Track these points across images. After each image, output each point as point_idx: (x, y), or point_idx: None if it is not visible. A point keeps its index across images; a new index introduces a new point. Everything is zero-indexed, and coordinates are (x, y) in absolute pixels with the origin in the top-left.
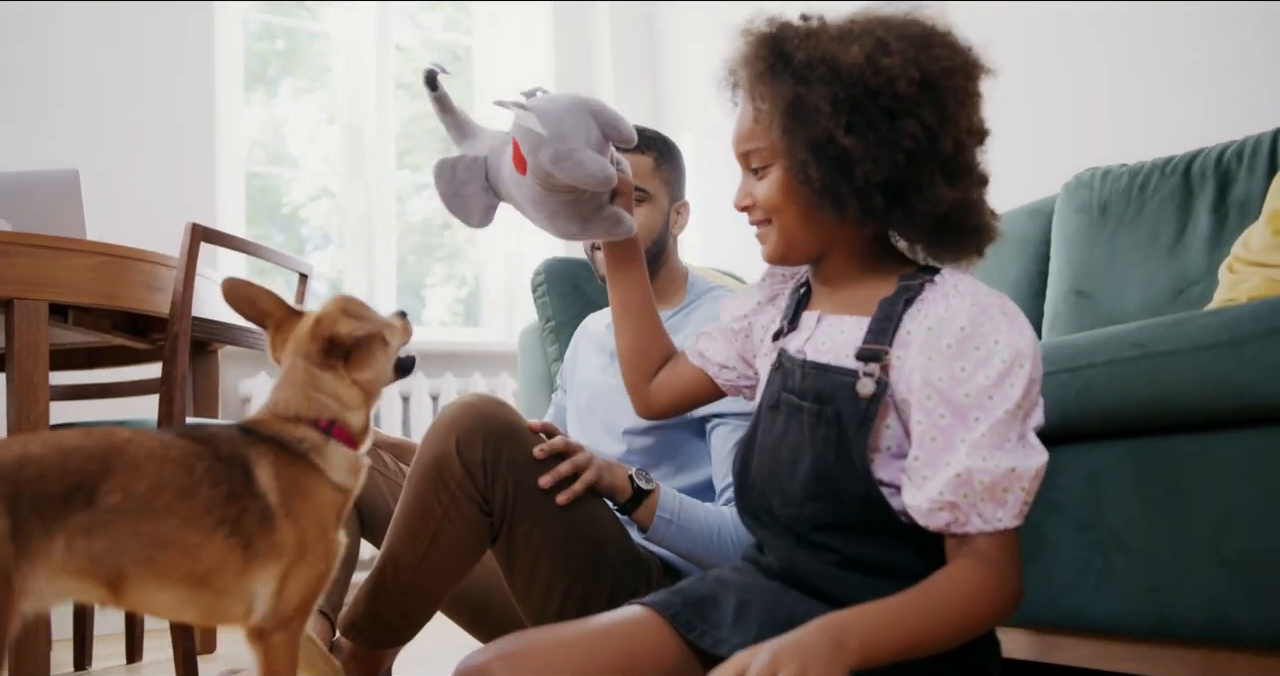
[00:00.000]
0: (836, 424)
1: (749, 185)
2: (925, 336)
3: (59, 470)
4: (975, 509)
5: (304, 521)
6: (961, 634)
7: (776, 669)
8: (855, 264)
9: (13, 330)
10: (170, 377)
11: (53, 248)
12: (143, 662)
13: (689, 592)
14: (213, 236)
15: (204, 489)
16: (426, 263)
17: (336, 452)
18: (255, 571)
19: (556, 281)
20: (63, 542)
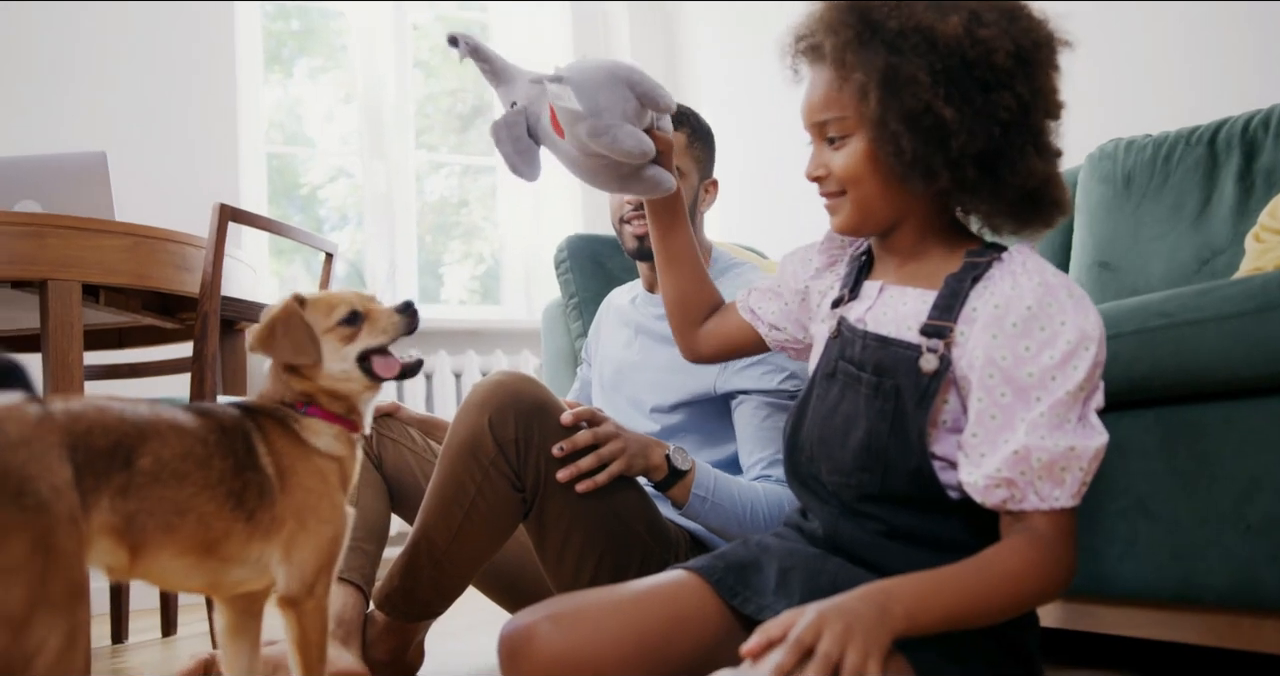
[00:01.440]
0: (895, 397)
1: (823, 155)
2: (991, 314)
3: (104, 426)
4: (1032, 487)
5: (297, 491)
6: (1009, 610)
7: (821, 629)
8: (925, 237)
9: (47, 311)
10: (202, 355)
11: (84, 229)
12: (177, 636)
13: (731, 558)
14: (240, 216)
15: (216, 460)
16: (444, 241)
17: (315, 424)
18: (257, 541)
19: (579, 258)
20: (107, 498)
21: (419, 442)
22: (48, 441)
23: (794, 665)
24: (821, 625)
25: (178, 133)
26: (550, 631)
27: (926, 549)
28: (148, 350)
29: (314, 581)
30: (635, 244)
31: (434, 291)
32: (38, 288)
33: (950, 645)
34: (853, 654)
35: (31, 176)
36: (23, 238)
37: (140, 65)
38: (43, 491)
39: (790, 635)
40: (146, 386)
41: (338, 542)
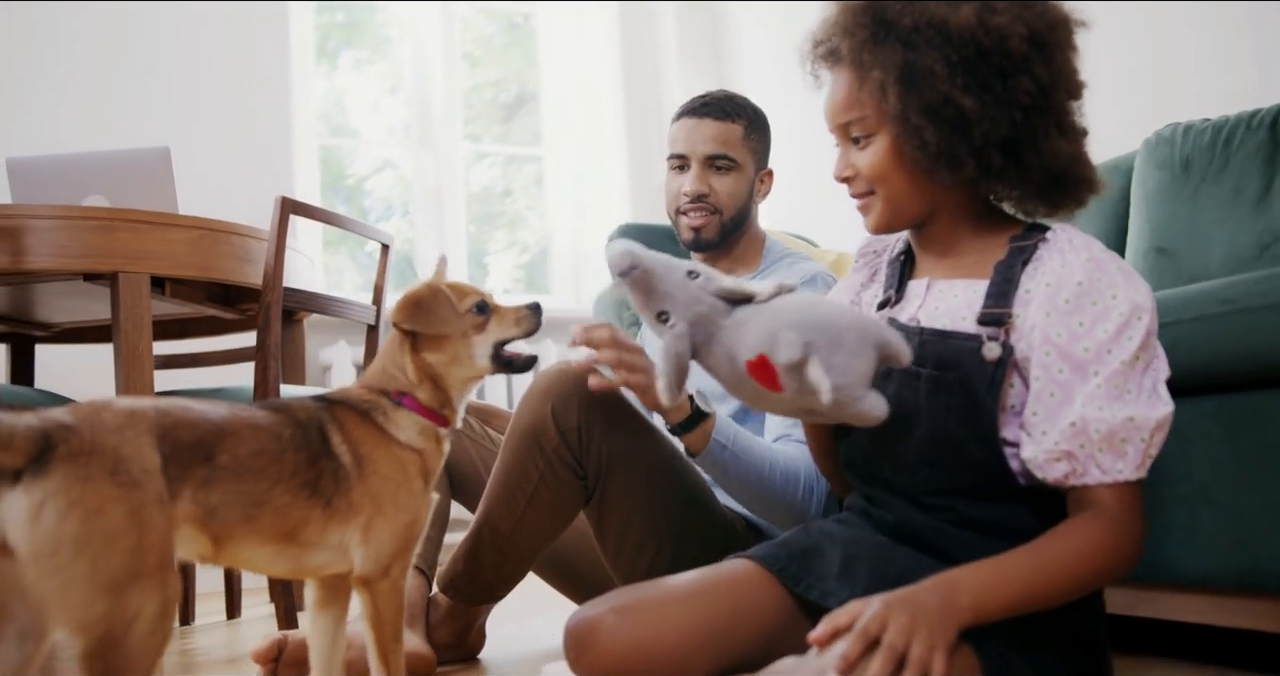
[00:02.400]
0: (961, 389)
1: (849, 156)
2: (1044, 293)
3: (188, 423)
4: (1093, 459)
5: (374, 478)
6: (1077, 589)
7: (887, 620)
8: (962, 226)
9: (118, 302)
10: (265, 346)
11: (153, 222)
12: (241, 619)
13: (793, 545)
14: (300, 209)
15: (290, 454)
16: (488, 231)
17: (404, 417)
18: (335, 525)
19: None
20: (190, 490)
21: (477, 431)
22: (139, 429)
23: (860, 655)
24: (888, 616)
25: (234, 127)
26: (615, 624)
27: (997, 537)
28: (209, 340)
29: (389, 563)
30: (691, 235)
31: (479, 281)
32: (109, 280)
33: (1017, 635)
34: (918, 646)
35: (98, 172)
36: (94, 231)
37: (198, 62)
38: (134, 471)
39: (856, 625)
40: (208, 376)
41: (414, 529)
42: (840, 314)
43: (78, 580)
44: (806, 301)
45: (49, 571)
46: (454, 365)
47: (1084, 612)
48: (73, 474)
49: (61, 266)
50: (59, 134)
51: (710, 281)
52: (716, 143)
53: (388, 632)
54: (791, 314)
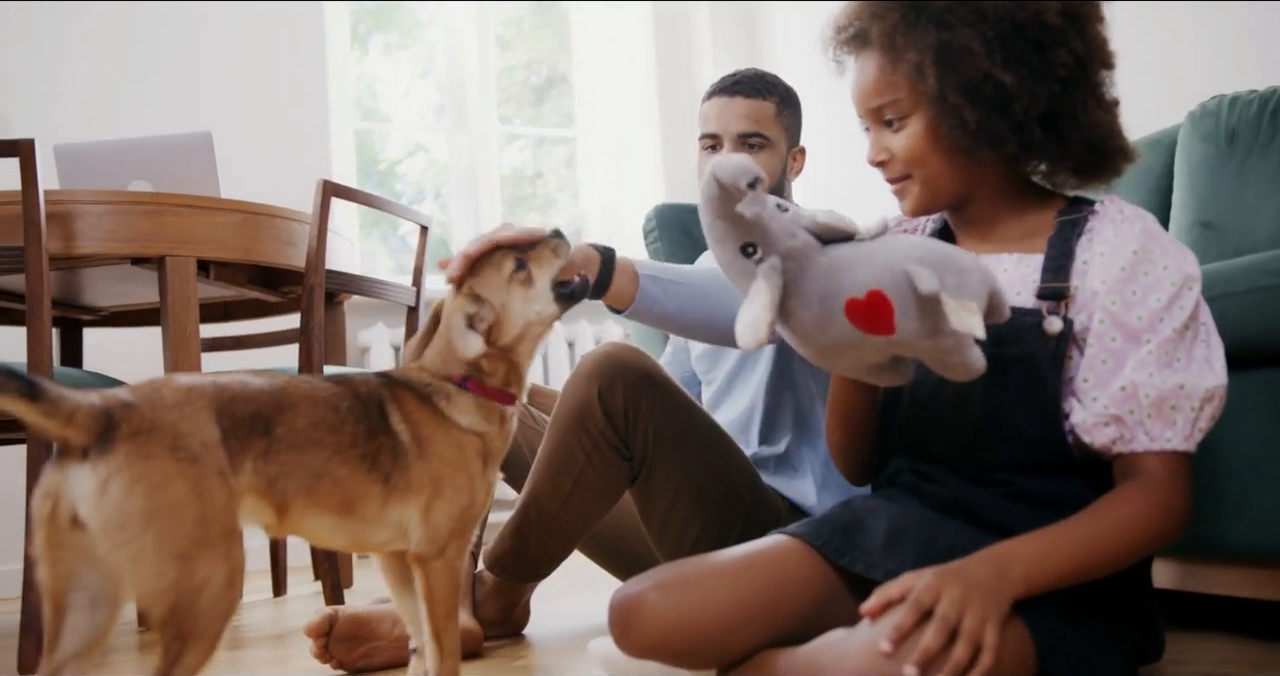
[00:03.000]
0: (1020, 366)
1: (883, 140)
2: (1099, 263)
3: (245, 397)
4: (1141, 426)
5: (434, 460)
6: (1127, 557)
7: (940, 592)
8: (1003, 202)
9: (165, 285)
10: (308, 328)
11: (198, 207)
12: (287, 596)
13: (835, 521)
14: (341, 191)
15: (349, 426)
16: (520, 213)
17: (466, 400)
18: (395, 503)
19: (668, 227)
20: (250, 461)
21: (520, 409)
22: (197, 405)
23: (913, 626)
24: (940, 588)
25: (273, 112)
26: (659, 600)
27: (1055, 511)
28: (252, 323)
29: (445, 544)
30: None
31: None
32: (156, 263)
33: (1068, 606)
34: (971, 618)
35: (142, 157)
36: (142, 216)
37: (237, 49)
38: (194, 446)
39: (909, 597)
40: (251, 358)
41: (471, 511)
42: (959, 253)
43: (147, 551)
44: (919, 239)
45: (119, 544)
46: (524, 327)
47: (1134, 584)
48: (135, 451)
49: (110, 250)
50: (104, 121)
51: (802, 216)
52: (749, 120)
53: (441, 611)
54: (912, 249)
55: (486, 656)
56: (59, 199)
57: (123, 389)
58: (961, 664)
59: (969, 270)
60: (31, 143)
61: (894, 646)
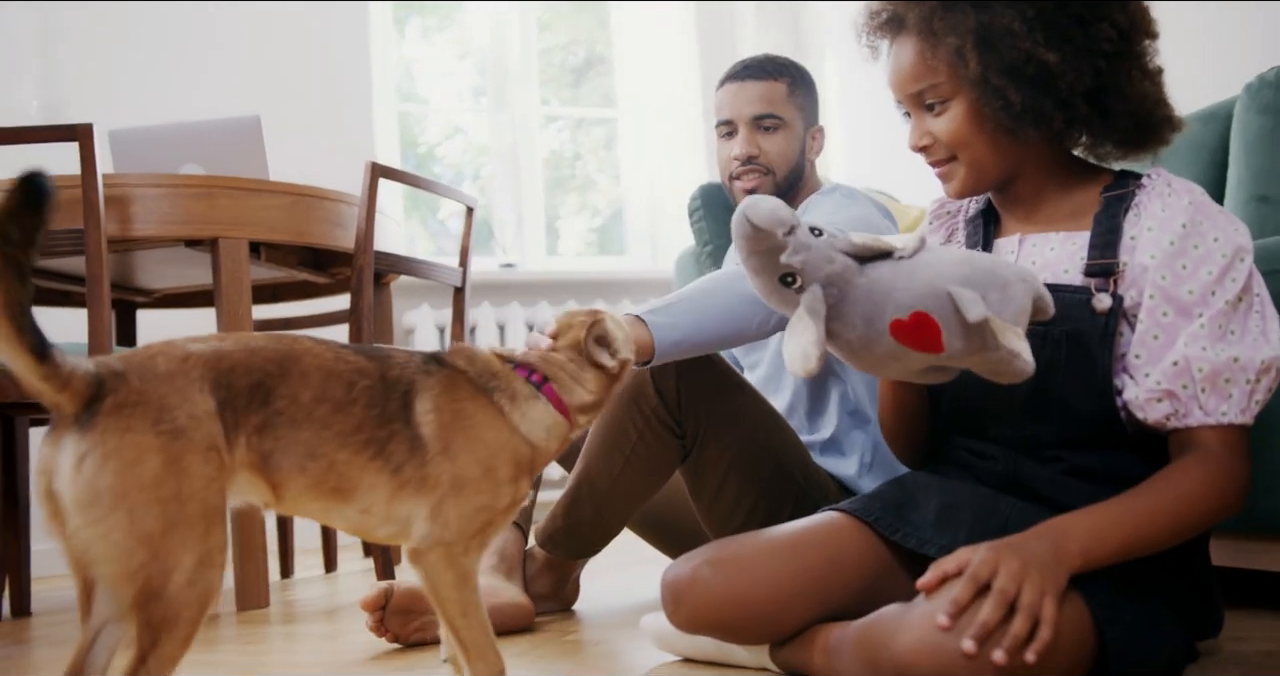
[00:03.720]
0: (1069, 343)
1: (925, 124)
2: (1148, 238)
3: (246, 366)
4: (1196, 400)
5: (464, 458)
6: (1184, 532)
7: (998, 566)
8: (1048, 181)
9: (219, 267)
10: (358, 308)
11: (250, 189)
12: (339, 572)
13: (887, 498)
14: (388, 173)
15: (358, 408)
16: (559, 195)
17: (539, 410)
18: (406, 498)
19: (712, 205)
20: (244, 436)
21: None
22: (191, 376)
23: (970, 600)
24: (998, 562)
25: (317, 95)
26: (711, 576)
27: (1111, 486)
28: (300, 304)
29: (451, 539)
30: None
31: (551, 245)
32: (209, 245)
33: (1125, 581)
34: (1029, 591)
35: (192, 141)
36: (195, 199)
37: (283, 34)
38: (180, 419)
39: (967, 570)
40: None
41: (484, 515)
42: (1000, 263)
43: (115, 530)
44: (961, 254)
45: (87, 522)
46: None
47: (1193, 560)
48: (114, 425)
49: (165, 233)
50: (154, 106)
51: (836, 237)
52: (761, 103)
53: (450, 609)
54: (954, 268)
55: (538, 631)
56: (117, 182)
57: (119, 356)
58: (1020, 637)
59: (1010, 283)
60: (90, 127)
61: (951, 620)
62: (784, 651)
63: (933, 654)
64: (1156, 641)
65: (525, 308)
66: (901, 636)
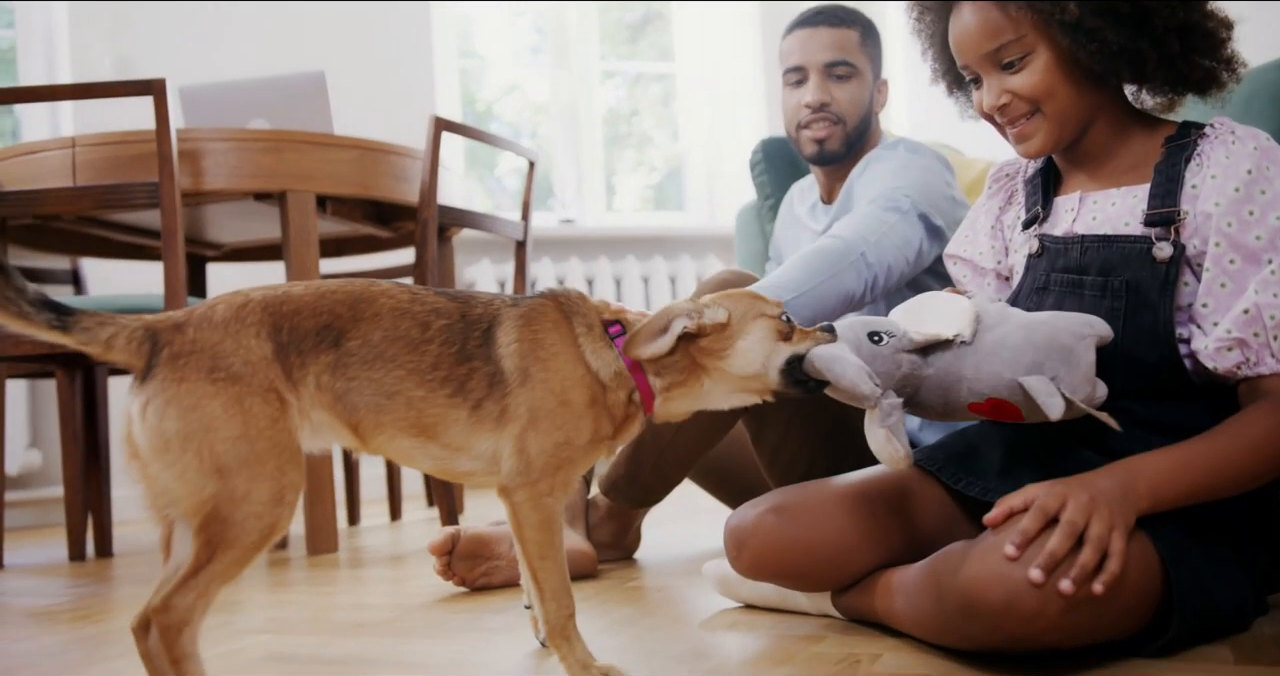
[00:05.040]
0: (1127, 293)
1: (1001, 83)
2: (1211, 185)
3: (313, 309)
4: (1268, 347)
5: (539, 389)
6: (1255, 478)
7: (1066, 498)
8: (1116, 133)
9: (287, 220)
10: (422, 261)
11: (317, 143)
12: (403, 520)
13: (950, 448)
14: (451, 127)
15: (434, 346)
16: (617, 152)
17: (606, 351)
18: (485, 432)
19: (774, 160)
20: (314, 375)
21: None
22: (247, 322)
23: (1038, 531)
24: (1067, 495)
25: (379, 51)
26: (776, 523)
27: (1176, 437)
28: (362, 258)
29: (537, 478)
30: (814, 149)
31: (608, 201)
32: (277, 199)
33: (1195, 527)
34: (1097, 524)
35: (259, 97)
36: (264, 153)
37: None
38: (235, 365)
39: (1035, 504)
40: None
41: (565, 450)
42: (1058, 329)
43: (189, 470)
44: (1020, 334)
45: (164, 465)
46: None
47: (1262, 508)
48: (170, 375)
49: (235, 186)
50: (221, 63)
51: (897, 338)
52: (835, 49)
53: (530, 549)
54: (1018, 355)
55: (601, 578)
56: (190, 136)
57: (185, 310)
58: (1088, 567)
59: (1073, 348)
60: (164, 82)
61: (1019, 550)
62: (846, 597)
63: (1000, 583)
64: (1222, 587)
65: (584, 262)
66: (968, 567)
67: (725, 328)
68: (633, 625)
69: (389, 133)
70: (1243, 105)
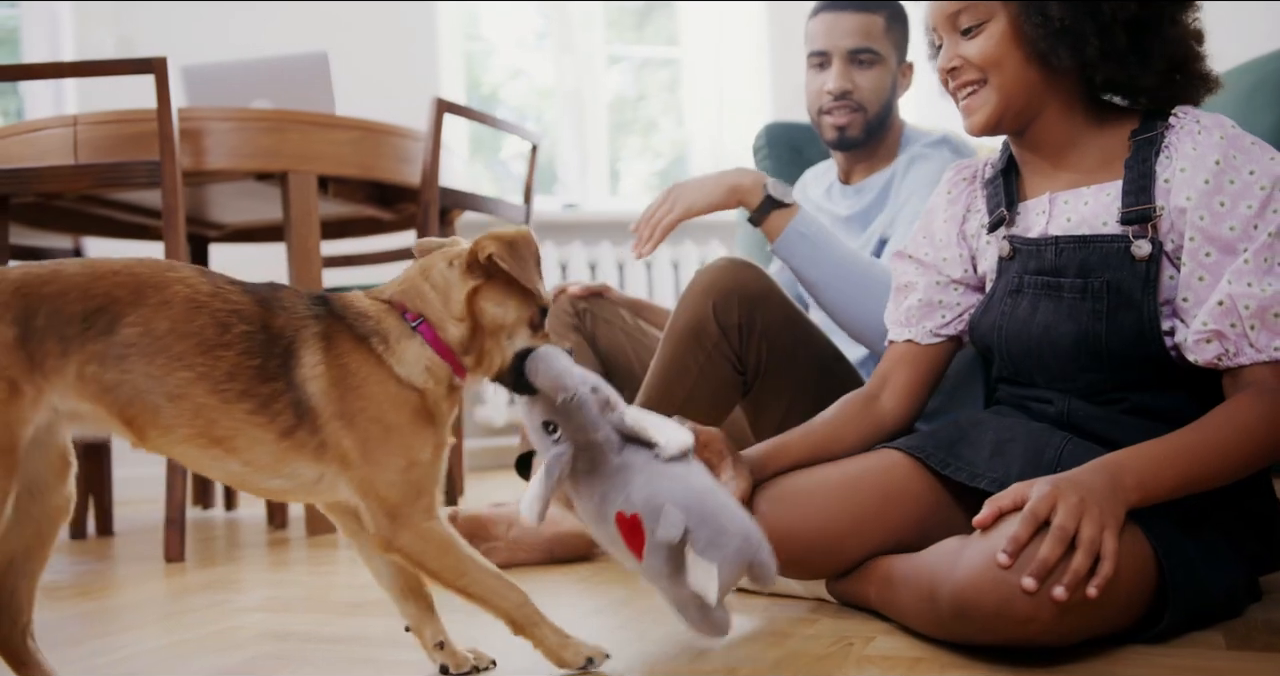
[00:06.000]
0: (1108, 294)
1: (957, 47)
2: (1181, 179)
3: (83, 291)
4: (1245, 337)
5: (360, 422)
6: (1241, 467)
7: (1055, 502)
8: (1074, 123)
9: (289, 200)
10: None
11: (319, 124)
12: None
13: (940, 436)
14: (453, 109)
15: (231, 353)
16: (622, 138)
17: (410, 348)
18: (304, 460)
19: (777, 146)
20: (76, 365)
21: (630, 323)
22: None
23: (1029, 538)
24: (1056, 498)
25: (383, 32)
26: (769, 511)
27: (1166, 423)
28: (364, 240)
29: (404, 514)
30: (835, 135)
31: (612, 186)
32: (279, 179)
33: (1185, 516)
34: (1088, 526)
35: (262, 77)
36: (265, 133)
37: None
38: None
39: (1025, 508)
40: (366, 275)
41: (415, 471)
42: (732, 515)
43: None
44: (702, 484)
45: None
46: (501, 332)
47: (1252, 494)
48: None
49: (237, 166)
50: (224, 43)
51: (612, 408)
52: (859, 36)
53: (446, 578)
54: (685, 492)
55: (595, 560)
56: (191, 116)
57: None
58: (1080, 573)
59: (729, 532)
60: (164, 60)
61: (1011, 558)
62: (840, 584)
63: (993, 589)
64: (1216, 575)
65: (588, 247)
66: (961, 571)
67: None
68: (626, 606)
69: (392, 115)
70: (1246, 97)
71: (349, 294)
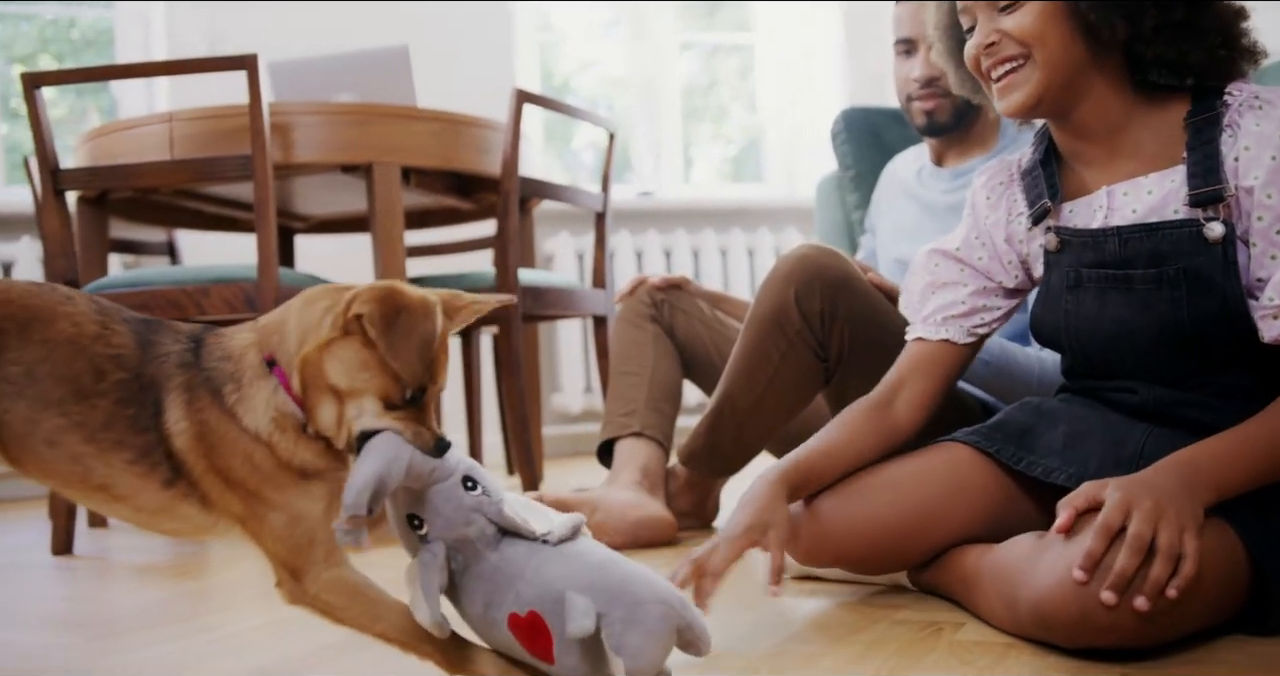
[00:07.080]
0: (1185, 281)
1: (994, 23)
2: (1247, 158)
3: None
4: None
5: (233, 478)
6: None
7: (1130, 509)
8: (1123, 106)
9: (373, 191)
10: (504, 232)
11: (402, 116)
12: None
13: (1008, 427)
14: (533, 99)
15: (106, 402)
16: (693, 124)
17: (260, 393)
18: (193, 508)
19: (855, 130)
20: None
21: (708, 314)
22: None
23: (1105, 551)
24: (1129, 505)
25: (460, 25)
26: (830, 509)
27: (1261, 403)
28: (444, 230)
29: (301, 569)
30: (925, 120)
31: (684, 173)
32: (364, 171)
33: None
34: (1165, 531)
35: (345, 71)
36: (350, 126)
37: None
38: None
39: (1098, 520)
40: (447, 263)
41: (298, 527)
42: (643, 580)
43: None
44: (603, 556)
45: None
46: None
47: None
48: None
49: (324, 158)
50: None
51: (488, 501)
52: None
53: (361, 623)
54: (584, 571)
55: (679, 545)
56: (281, 111)
57: None
58: (1160, 581)
59: (645, 603)
60: (255, 57)
61: (1087, 574)
62: (922, 573)
63: (1073, 601)
64: None
65: (662, 235)
66: (1038, 581)
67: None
68: None
69: (469, 106)
70: None
71: (226, 331)
